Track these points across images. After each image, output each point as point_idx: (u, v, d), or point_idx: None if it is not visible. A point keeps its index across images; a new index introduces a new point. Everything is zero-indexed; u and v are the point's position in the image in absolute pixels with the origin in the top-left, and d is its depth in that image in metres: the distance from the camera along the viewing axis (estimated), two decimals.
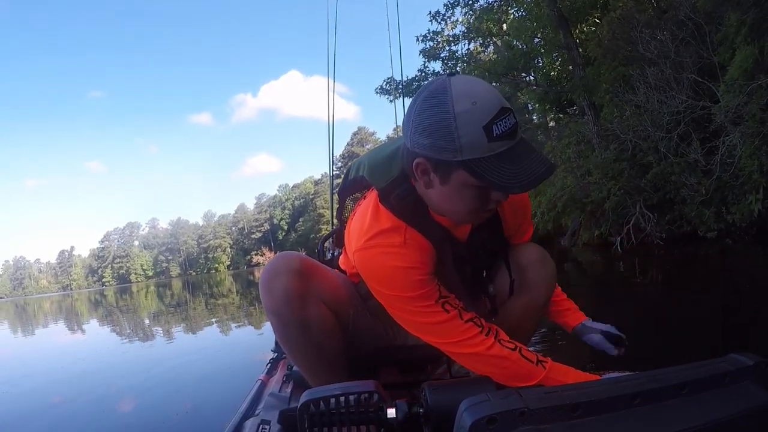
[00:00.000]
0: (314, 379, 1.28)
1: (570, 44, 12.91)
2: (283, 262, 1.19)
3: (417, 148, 0.98)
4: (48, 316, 15.90)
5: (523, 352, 1.08)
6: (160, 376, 3.85)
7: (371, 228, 1.11)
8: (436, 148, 0.94)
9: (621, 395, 0.67)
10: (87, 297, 34.83)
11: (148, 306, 15.67)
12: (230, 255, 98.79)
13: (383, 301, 1.14)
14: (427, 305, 1.08)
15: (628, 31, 10.69)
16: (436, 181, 1.00)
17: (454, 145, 0.92)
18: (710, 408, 0.68)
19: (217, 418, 2.26)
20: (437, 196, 1.03)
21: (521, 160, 0.93)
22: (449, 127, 0.91)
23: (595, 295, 5.40)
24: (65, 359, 5.41)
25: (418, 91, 0.98)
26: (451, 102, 0.91)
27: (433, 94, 0.94)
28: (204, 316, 9.17)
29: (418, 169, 1.01)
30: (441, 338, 1.10)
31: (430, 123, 0.93)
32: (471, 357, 1.09)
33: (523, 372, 1.06)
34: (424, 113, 0.95)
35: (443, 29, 15.21)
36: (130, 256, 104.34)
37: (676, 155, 9.38)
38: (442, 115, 0.92)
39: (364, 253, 1.11)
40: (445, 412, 0.84)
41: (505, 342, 1.09)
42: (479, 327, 1.09)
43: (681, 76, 9.47)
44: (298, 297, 1.16)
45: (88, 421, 2.80)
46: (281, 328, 1.20)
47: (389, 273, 1.08)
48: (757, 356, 0.75)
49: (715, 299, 3.92)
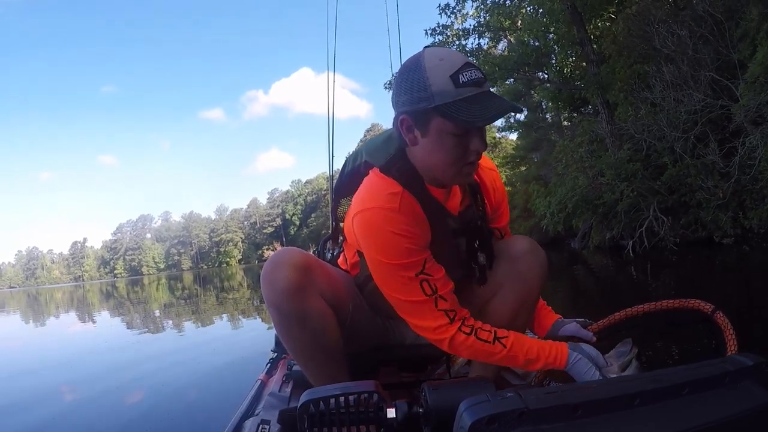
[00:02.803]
0: (311, 374, 1.31)
1: (584, 40, 12.64)
2: (284, 255, 1.23)
3: (399, 107, 1.13)
4: (60, 308, 16.09)
5: (478, 334, 1.18)
6: (160, 376, 3.78)
7: (371, 192, 1.20)
8: (414, 101, 1.09)
9: (621, 395, 0.67)
10: (99, 288, 35.57)
11: (159, 298, 15.86)
12: (242, 249, 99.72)
13: (372, 266, 1.21)
14: (408, 278, 1.15)
15: (644, 27, 10.33)
16: (418, 135, 1.13)
17: (427, 94, 1.06)
18: (711, 408, 0.69)
19: (217, 417, 2.25)
20: (422, 151, 1.16)
21: (487, 102, 1.06)
22: (422, 80, 1.07)
23: (607, 301, 5.22)
24: (64, 358, 5.36)
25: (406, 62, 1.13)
26: (423, 62, 1.08)
27: (409, 61, 1.12)
28: (211, 311, 9.25)
29: (403, 125, 1.14)
30: (412, 318, 1.19)
31: (408, 82, 1.10)
32: (437, 342, 1.19)
33: (485, 351, 1.18)
34: (402, 77, 1.12)
35: (453, 23, 14.95)
36: (142, 248, 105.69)
37: (693, 156, 9.06)
38: (415, 73, 1.08)
39: (363, 215, 1.18)
40: (445, 413, 0.83)
41: (466, 327, 1.18)
42: (449, 319, 1.17)
43: (699, 74, 9.12)
44: (298, 290, 1.19)
45: (88, 420, 2.78)
46: (281, 321, 1.23)
47: (381, 235, 1.15)
48: (758, 356, 0.75)
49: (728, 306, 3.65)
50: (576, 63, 15.18)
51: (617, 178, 10.37)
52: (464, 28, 15.08)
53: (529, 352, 1.19)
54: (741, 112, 7.82)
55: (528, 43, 14.84)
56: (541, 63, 14.76)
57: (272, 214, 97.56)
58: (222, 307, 9.91)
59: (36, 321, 11.82)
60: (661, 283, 6.28)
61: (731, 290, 4.82)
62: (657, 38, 9.79)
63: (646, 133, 10.09)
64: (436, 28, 14.81)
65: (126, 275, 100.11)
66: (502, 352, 1.17)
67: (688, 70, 9.28)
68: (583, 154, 12.26)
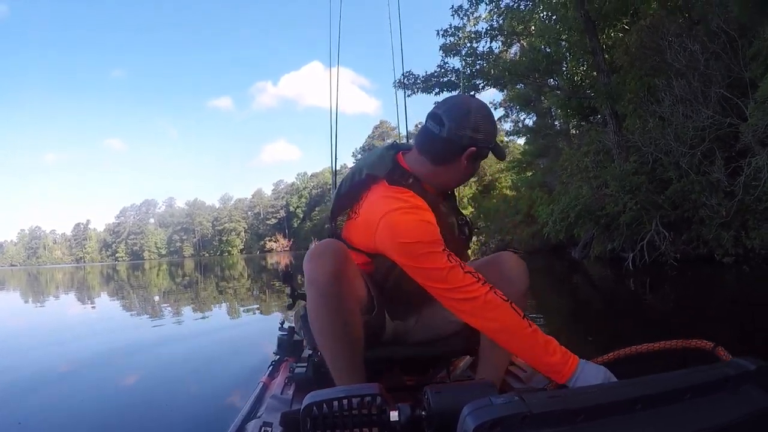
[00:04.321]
0: (334, 355, 1.42)
1: (596, 49, 12.56)
2: (331, 244, 1.38)
3: (473, 142, 1.43)
4: (59, 289, 16.06)
5: (513, 305, 1.26)
6: (160, 375, 3.73)
7: (391, 200, 1.40)
8: (488, 142, 1.45)
9: (623, 400, 0.68)
10: (99, 271, 35.45)
11: (158, 284, 15.86)
12: (244, 239, 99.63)
13: (404, 253, 1.35)
14: (438, 251, 1.31)
15: (657, 40, 10.28)
16: (469, 162, 1.47)
17: (494, 138, 1.48)
18: (713, 413, 0.69)
19: (219, 419, 2.25)
20: (457, 172, 1.50)
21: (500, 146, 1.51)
22: (494, 128, 1.48)
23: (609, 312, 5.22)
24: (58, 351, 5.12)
25: (461, 101, 1.50)
26: (490, 113, 1.49)
27: (481, 107, 1.46)
28: (211, 302, 9.30)
29: (470, 156, 1.45)
30: (444, 284, 1.30)
31: (486, 125, 1.44)
32: (468, 303, 1.28)
33: (513, 323, 1.24)
34: (480, 118, 1.43)
35: (465, 25, 14.90)
36: (144, 233, 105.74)
37: (698, 173, 9.03)
38: (491, 121, 1.47)
39: (391, 215, 1.37)
40: (448, 416, 0.82)
41: (499, 293, 1.28)
42: (476, 278, 1.29)
43: (709, 90, 9.08)
44: (340, 274, 1.34)
45: (88, 420, 2.72)
46: (318, 299, 1.36)
47: (412, 225, 1.35)
48: (760, 360, 0.75)
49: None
50: (587, 72, 15.11)
51: (621, 190, 10.34)
52: (476, 31, 15.08)
53: (548, 343, 1.24)
54: (749, 131, 7.78)
55: (540, 49, 14.78)
56: (551, 70, 14.69)
57: (276, 205, 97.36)
58: (223, 300, 9.84)
59: (35, 301, 11.82)
60: (660, 297, 6.27)
61: (730, 309, 4.81)
62: (669, 52, 9.75)
63: (652, 147, 10.05)
64: (448, 30, 14.80)
65: (127, 259, 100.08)
66: (527, 330, 1.24)
67: (698, 85, 9.23)
68: (589, 164, 12.24)
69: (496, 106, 31.06)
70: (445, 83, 14.86)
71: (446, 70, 14.85)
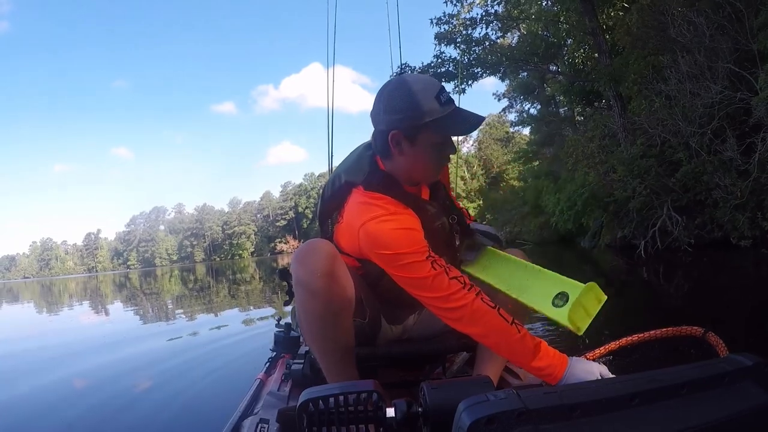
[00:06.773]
0: (324, 351, 1.40)
1: (595, 30, 12.21)
2: (318, 243, 1.35)
3: (392, 125, 1.36)
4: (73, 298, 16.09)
5: (500, 311, 1.26)
6: (159, 374, 3.66)
7: (367, 207, 1.37)
8: (408, 119, 1.34)
9: (620, 395, 0.68)
10: (112, 279, 35.93)
11: (171, 290, 15.96)
12: (254, 242, 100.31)
13: (386, 263, 1.33)
14: (421, 261, 1.28)
15: (658, 17, 9.86)
16: (406, 146, 1.37)
17: (420, 113, 1.33)
18: (709, 408, 0.69)
19: (215, 416, 2.18)
20: (407, 159, 1.40)
21: (462, 116, 1.37)
22: (414, 101, 1.33)
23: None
24: (58, 352, 5.16)
25: (381, 89, 1.41)
26: (409, 86, 1.36)
27: (396, 86, 1.38)
28: (221, 305, 9.26)
29: (394, 140, 1.37)
30: (430, 292, 1.29)
31: (400, 103, 1.35)
32: (455, 311, 1.27)
33: (501, 330, 1.24)
34: (393, 99, 1.36)
35: (459, 11, 14.61)
36: (155, 240, 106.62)
37: (709, 153, 8.61)
38: (407, 95, 1.34)
39: (368, 225, 1.33)
40: (444, 412, 0.81)
41: (486, 300, 1.27)
42: (462, 284, 1.27)
43: (716, 65, 8.64)
44: (328, 273, 1.30)
45: (85, 418, 2.71)
46: (307, 299, 1.33)
47: (390, 234, 1.31)
48: (756, 356, 0.75)
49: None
50: (588, 54, 14.77)
51: (629, 175, 9.98)
52: (471, 17, 14.75)
53: (537, 347, 1.25)
54: (762, 105, 7.36)
55: (537, 33, 14.46)
56: (551, 54, 14.36)
57: (285, 207, 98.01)
58: (229, 303, 9.80)
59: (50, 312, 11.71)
60: (675, 285, 5.94)
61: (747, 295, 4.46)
62: (672, 27, 9.32)
63: (660, 128, 9.62)
64: (442, 18, 14.51)
65: (139, 267, 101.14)
66: (516, 336, 1.24)
67: (704, 60, 8.80)
68: (594, 150, 11.83)
69: (500, 96, 30.75)
70: (443, 74, 14.54)
71: (443, 60, 14.54)
